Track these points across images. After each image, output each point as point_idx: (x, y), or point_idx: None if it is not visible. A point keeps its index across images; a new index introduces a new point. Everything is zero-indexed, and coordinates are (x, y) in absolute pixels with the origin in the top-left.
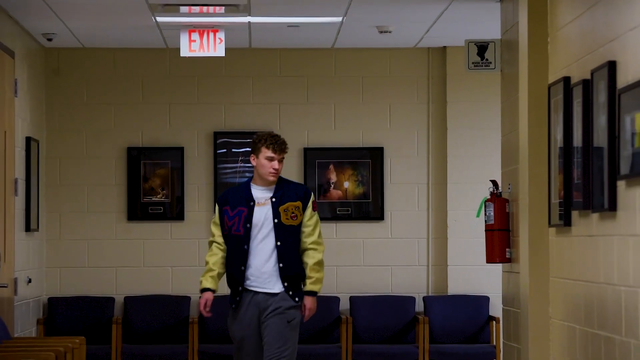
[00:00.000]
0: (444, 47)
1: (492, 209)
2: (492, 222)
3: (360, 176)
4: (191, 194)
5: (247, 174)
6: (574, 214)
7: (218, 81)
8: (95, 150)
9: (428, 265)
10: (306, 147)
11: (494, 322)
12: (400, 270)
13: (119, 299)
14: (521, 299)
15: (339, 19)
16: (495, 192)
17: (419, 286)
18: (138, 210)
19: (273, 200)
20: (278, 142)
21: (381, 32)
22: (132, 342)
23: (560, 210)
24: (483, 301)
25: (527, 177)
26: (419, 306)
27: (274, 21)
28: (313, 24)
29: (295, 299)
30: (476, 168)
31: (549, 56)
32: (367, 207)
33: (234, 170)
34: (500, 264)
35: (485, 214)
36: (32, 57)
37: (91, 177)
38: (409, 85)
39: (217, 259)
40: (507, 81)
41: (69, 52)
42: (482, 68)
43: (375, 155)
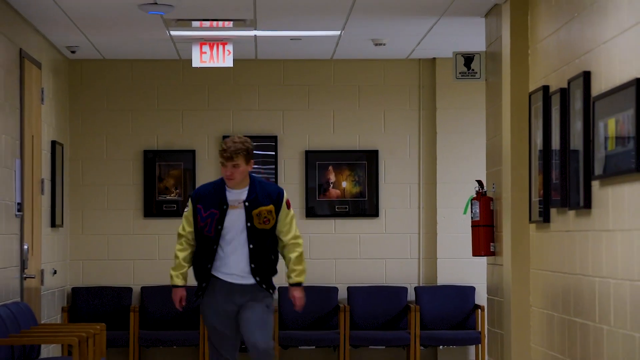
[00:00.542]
0: (434, 59)
1: (478, 207)
2: (478, 219)
3: (357, 176)
4: None
5: (253, 174)
6: (553, 211)
7: (227, 89)
8: (114, 152)
9: (419, 258)
10: (307, 149)
11: (480, 310)
12: (394, 263)
13: (136, 289)
14: (504, 289)
15: (338, 33)
16: (481, 191)
17: (410, 277)
18: (153, 207)
19: (246, 204)
20: (226, 153)
21: (376, 45)
22: (148, 328)
23: (540, 208)
24: (469, 291)
25: (510, 178)
26: (411, 295)
27: (278, 35)
28: (314, 37)
29: (270, 290)
30: (463, 169)
31: (530, 67)
32: (363, 205)
33: None
34: (485, 257)
35: (472, 211)
36: (57, 68)
37: (111, 177)
38: (402, 93)
39: (186, 255)
40: (491, 90)
41: (91, 63)
42: (468, 78)
43: (370, 157)
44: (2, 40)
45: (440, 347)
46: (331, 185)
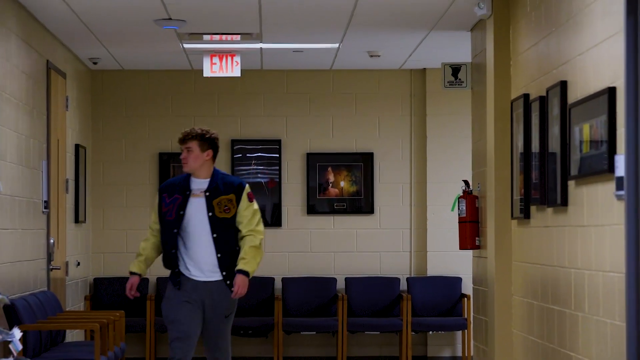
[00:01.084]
0: (424, 69)
1: (464, 204)
2: (464, 215)
3: (354, 177)
4: None
5: (259, 175)
6: (532, 208)
7: (235, 97)
8: (132, 155)
9: (411, 251)
10: (308, 152)
11: (466, 298)
12: (387, 256)
13: (152, 279)
14: (488, 280)
15: (336, 45)
16: (467, 190)
17: (403, 269)
18: None
19: (207, 194)
20: (181, 135)
21: (371, 56)
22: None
23: (521, 205)
24: (456, 281)
25: (494, 178)
26: (403, 285)
27: (282, 47)
28: (314, 49)
29: (231, 289)
30: (451, 170)
31: (511, 77)
32: (360, 203)
33: (248, 171)
34: (471, 250)
35: (459, 209)
36: (81, 78)
37: (129, 177)
38: (395, 100)
39: (147, 245)
40: (476, 97)
41: (111, 74)
42: (455, 86)
43: (366, 159)
44: (31, 52)
45: (430, 332)
46: (330, 184)
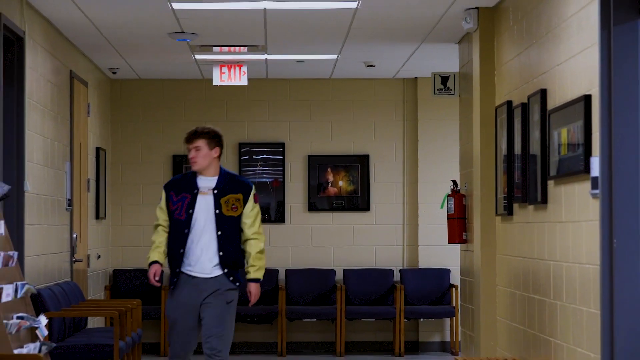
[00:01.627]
0: (416, 78)
1: (453, 202)
2: (453, 212)
3: (351, 177)
4: None
5: (264, 175)
6: (515, 206)
7: (242, 104)
8: (148, 157)
9: (403, 245)
10: (310, 154)
11: (454, 288)
12: (382, 249)
13: (166, 270)
14: (474, 271)
15: (335, 56)
16: (455, 189)
17: (396, 261)
18: None
19: (215, 192)
20: (187, 134)
21: (367, 66)
22: None
23: (504, 203)
24: (445, 273)
25: (479, 178)
26: (396, 276)
27: (285, 58)
28: (315, 60)
29: (236, 284)
30: (440, 170)
31: (495, 85)
32: (357, 201)
33: (254, 172)
34: (459, 244)
35: (447, 206)
36: (101, 86)
37: (145, 177)
38: (389, 107)
39: (163, 239)
40: (463, 104)
41: (129, 82)
42: (444, 94)
43: (363, 161)
44: (56, 63)
45: (421, 319)
46: (330, 184)
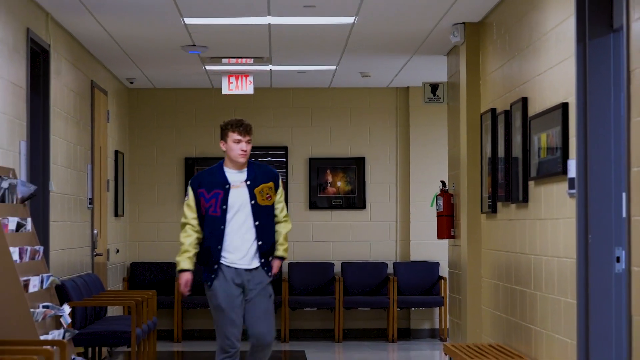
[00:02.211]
0: (407, 87)
1: (442, 201)
2: (442, 210)
3: (349, 177)
4: None
5: None
6: (499, 204)
7: (248, 110)
8: (162, 159)
9: (396, 240)
10: (310, 157)
11: (443, 280)
12: (377, 244)
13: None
14: (461, 264)
15: (334, 67)
16: (444, 189)
17: (390, 255)
18: None
19: (248, 183)
20: (243, 125)
21: (363, 76)
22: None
23: (489, 202)
24: (435, 265)
25: (466, 179)
26: (390, 269)
27: (288, 69)
28: (315, 70)
29: (269, 274)
30: (430, 172)
31: (481, 94)
32: (354, 200)
33: None
34: (447, 239)
35: (437, 204)
36: (119, 95)
37: (159, 178)
38: (383, 113)
39: (192, 240)
40: (451, 111)
41: (145, 91)
42: (434, 102)
43: (359, 163)
44: (78, 74)
45: (413, 308)
46: (329, 184)
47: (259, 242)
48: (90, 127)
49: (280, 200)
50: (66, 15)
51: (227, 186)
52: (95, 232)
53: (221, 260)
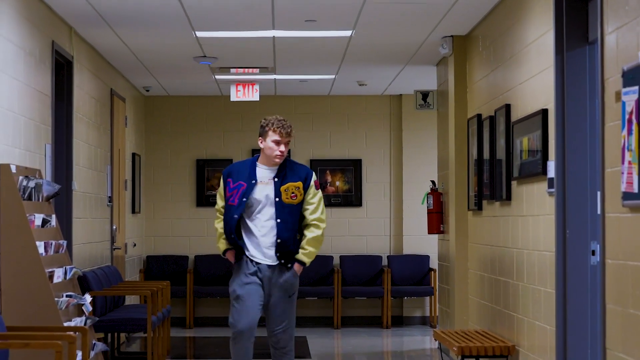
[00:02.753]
0: (400, 95)
1: (432, 199)
2: (432, 207)
3: (347, 178)
4: None
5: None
6: (484, 202)
7: (254, 116)
8: (175, 161)
9: (390, 235)
10: (311, 159)
11: (433, 272)
12: (372, 239)
13: (191, 257)
14: (450, 257)
15: (333, 76)
16: (434, 188)
17: (384, 248)
18: (203, 199)
19: (275, 180)
20: (284, 127)
21: (360, 85)
22: (200, 284)
23: (475, 200)
24: (426, 258)
25: (454, 178)
26: (384, 261)
27: (291, 78)
28: (316, 79)
29: (288, 265)
30: (421, 172)
31: (468, 101)
32: (351, 198)
33: None
34: (437, 234)
35: (427, 202)
36: (136, 102)
37: (173, 178)
38: (378, 119)
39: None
40: (441, 116)
41: (160, 98)
42: (425, 108)
43: (356, 164)
44: (99, 83)
45: (405, 298)
46: (328, 183)
47: (278, 240)
48: (109, 132)
49: (310, 201)
50: (88, 29)
51: (253, 182)
52: (114, 227)
53: (246, 253)
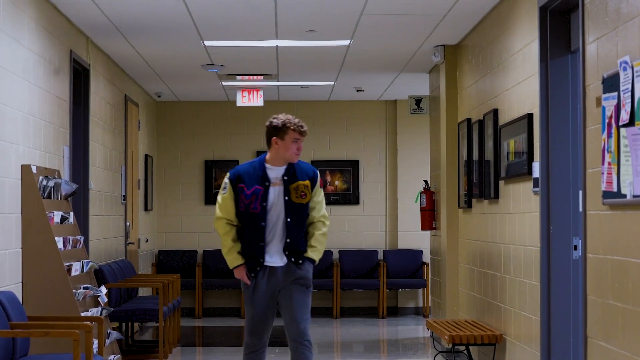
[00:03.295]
0: (395, 100)
1: (425, 198)
2: (425, 205)
3: (345, 178)
4: None
5: None
6: (473, 200)
7: (259, 120)
8: (185, 162)
9: (386, 231)
10: (312, 160)
11: (425, 265)
12: (369, 234)
13: (200, 251)
14: (441, 252)
15: (332, 83)
16: (426, 187)
17: (380, 244)
18: (211, 198)
19: (285, 178)
20: (303, 127)
21: (357, 91)
22: (208, 277)
23: (465, 198)
24: (419, 253)
25: (445, 178)
26: (380, 256)
27: (293, 84)
28: (316, 85)
29: (299, 262)
30: (415, 173)
31: (458, 106)
32: (349, 197)
33: None
34: (429, 230)
35: (420, 201)
36: (149, 107)
37: (182, 178)
38: (374, 123)
39: (233, 235)
40: (433, 120)
41: (170, 104)
42: (418, 112)
43: (354, 165)
44: (114, 89)
45: (400, 289)
46: (328, 183)
47: (287, 240)
48: (123, 134)
49: (316, 200)
50: (103, 39)
51: (267, 183)
52: (128, 224)
53: (264, 261)
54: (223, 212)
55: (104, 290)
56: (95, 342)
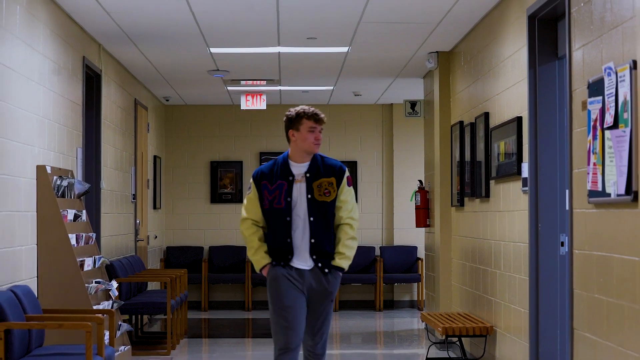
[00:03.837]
0: (391, 104)
1: (419, 196)
2: (419, 204)
3: None
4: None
5: None
6: (466, 199)
7: (262, 123)
8: (192, 163)
9: (382, 228)
10: None
11: (420, 261)
12: (367, 231)
13: (206, 248)
14: (435, 248)
15: (331, 87)
16: (421, 186)
17: (377, 240)
18: (216, 197)
19: (307, 175)
20: (318, 114)
21: (355, 95)
22: (214, 272)
23: (457, 197)
24: (414, 249)
25: (439, 178)
26: (377, 252)
27: (294, 89)
28: (316, 90)
29: (325, 270)
30: (410, 173)
31: (451, 109)
32: None
33: None
34: (424, 228)
35: (415, 199)
36: (158, 110)
37: (189, 178)
38: (371, 125)
39: (260, 235)
40: (427, 123)
41: (178, 107)
42: (413, 116)
43: (352, 165)
44: (124, 94)
45: (396, 284)
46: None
47: (312, 240)
48: (133, 136)
49: (343, 199)
50: (115, 46)
51: (291, 178)
52: (138, 221)
53: (291, 255)
54: (249, 212)
55: (114, 284)
56: (107, 333)
